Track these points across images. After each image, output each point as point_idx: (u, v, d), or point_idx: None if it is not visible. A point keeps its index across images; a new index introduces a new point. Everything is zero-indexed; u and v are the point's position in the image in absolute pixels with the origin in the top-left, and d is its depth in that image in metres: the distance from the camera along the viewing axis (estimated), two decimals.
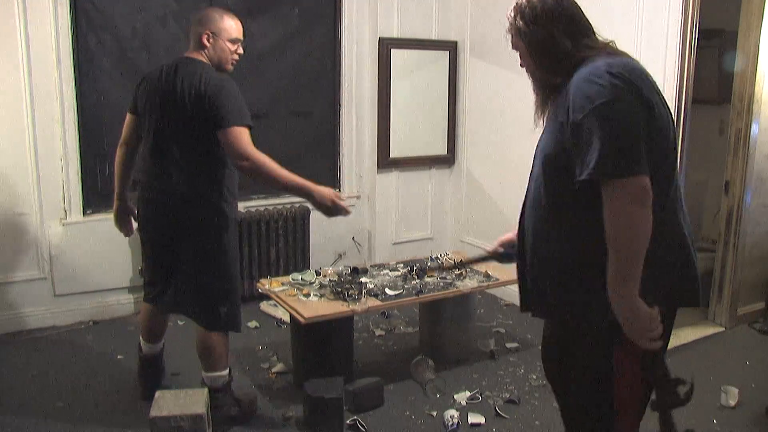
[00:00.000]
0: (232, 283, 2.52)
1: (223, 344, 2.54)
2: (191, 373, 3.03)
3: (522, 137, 3.94)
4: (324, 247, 4.22)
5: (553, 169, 1.53)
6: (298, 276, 3.10)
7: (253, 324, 3.68)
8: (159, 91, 2.44)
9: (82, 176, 3.54)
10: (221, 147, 2.36)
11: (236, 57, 2.52)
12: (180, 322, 3.63)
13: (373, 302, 2.86)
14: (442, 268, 3.26)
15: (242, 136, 2.30)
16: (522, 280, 1.67)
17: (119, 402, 2.78)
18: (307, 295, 2.88)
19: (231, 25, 2.46)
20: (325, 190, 2.41)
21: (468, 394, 2.87)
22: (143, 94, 2.53)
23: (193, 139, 2.39)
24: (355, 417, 2.64)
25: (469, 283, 3.11)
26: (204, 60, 2.45)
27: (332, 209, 2.41)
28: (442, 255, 3.54)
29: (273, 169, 2.34)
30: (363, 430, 2.59)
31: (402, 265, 3.35)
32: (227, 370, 2.60)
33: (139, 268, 3.66)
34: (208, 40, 2.43)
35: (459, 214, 4.56)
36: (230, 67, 2.53)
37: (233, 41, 2.47)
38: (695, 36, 3.01)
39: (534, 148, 1.68)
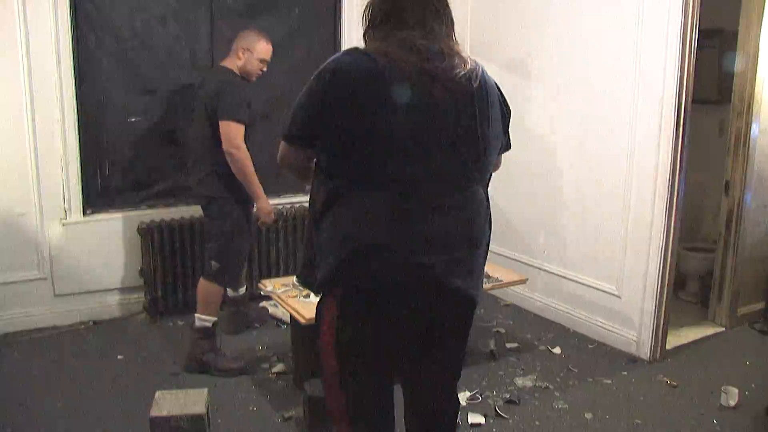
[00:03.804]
0: (224, 244, 3.03)
1: (209, 292, 3.03)
2: (191, 373, 3.04)
3: (523, 137, 3.95)
4: None
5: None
6: None
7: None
8: (197, 93, 3.11)
9: (82, 176, 3.54)
10: (218, 137, 2.89)
11: (260, 73, 3.10)
12: (180, 323, 3.63)
13: None
14: None
15: (232, 129, 2.85)
16: None
17: (119, 402, 2.78)
18: (308, 296, 2.88)
19: (264, 48, 3.05)
20: (267, 206, 3.05)
21: (468, 394, 2.87)
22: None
23: (204, 128, 2.97)
24: None
25: None
26: (233, 68, 3.03)
27: (262, 219, 3.08)
28: None
29: (248, 166, 2.91)
30: None
31: None
32: (211, 320, 3.05)
33: (139, 268, 3.67)
34: (242, 54, 3.02)
35: None
36: (253, 79, 3.11)
37: (261, 61, 3.06)
38: (695, 36, 3.01)
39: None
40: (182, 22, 3.66)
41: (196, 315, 3.06)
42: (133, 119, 3.63)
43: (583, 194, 3.58)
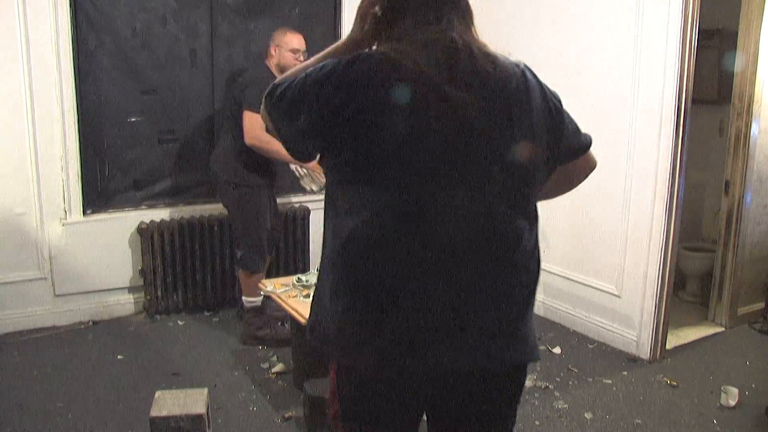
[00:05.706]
0: (246, 233, 3.28)
1: (247, 278, 3.32)
2: (191, 373, 3.04)
3: None
4: None
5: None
6: (303, 277, 3.11)
7: None
8: (229, 85, 3.57)
9: (82, 176, 3.54)
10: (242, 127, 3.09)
11: (297, 63, 3.11)
12: (180, 323, 3.63)
13: None
14: None
15: (253, 120, 2.98)
16: None
17: (119, 402, 2.78)
18: (308, 296, 2.88)
19: (291, 39, 3.24)
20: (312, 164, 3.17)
21: None
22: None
23: (230, 121, 3.23)
24: None
25: None
26: (270, 66, 3.24)
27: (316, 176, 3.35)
28: None
29: (272, 151, 3.00)
30: None
31: None
32: (257, 299, 3.35)
33: (139, 268, 3.67)
34: (274, 51, 3.24)
35: None
36: None
37: (293, 51, 3.22)
38: (695, 36, 3.02)
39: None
40: (182, 22, 3.65)
41: (243, 298, 3.37)
42: (132, 119, 3.63)
43: (583, 194, 3.57)
